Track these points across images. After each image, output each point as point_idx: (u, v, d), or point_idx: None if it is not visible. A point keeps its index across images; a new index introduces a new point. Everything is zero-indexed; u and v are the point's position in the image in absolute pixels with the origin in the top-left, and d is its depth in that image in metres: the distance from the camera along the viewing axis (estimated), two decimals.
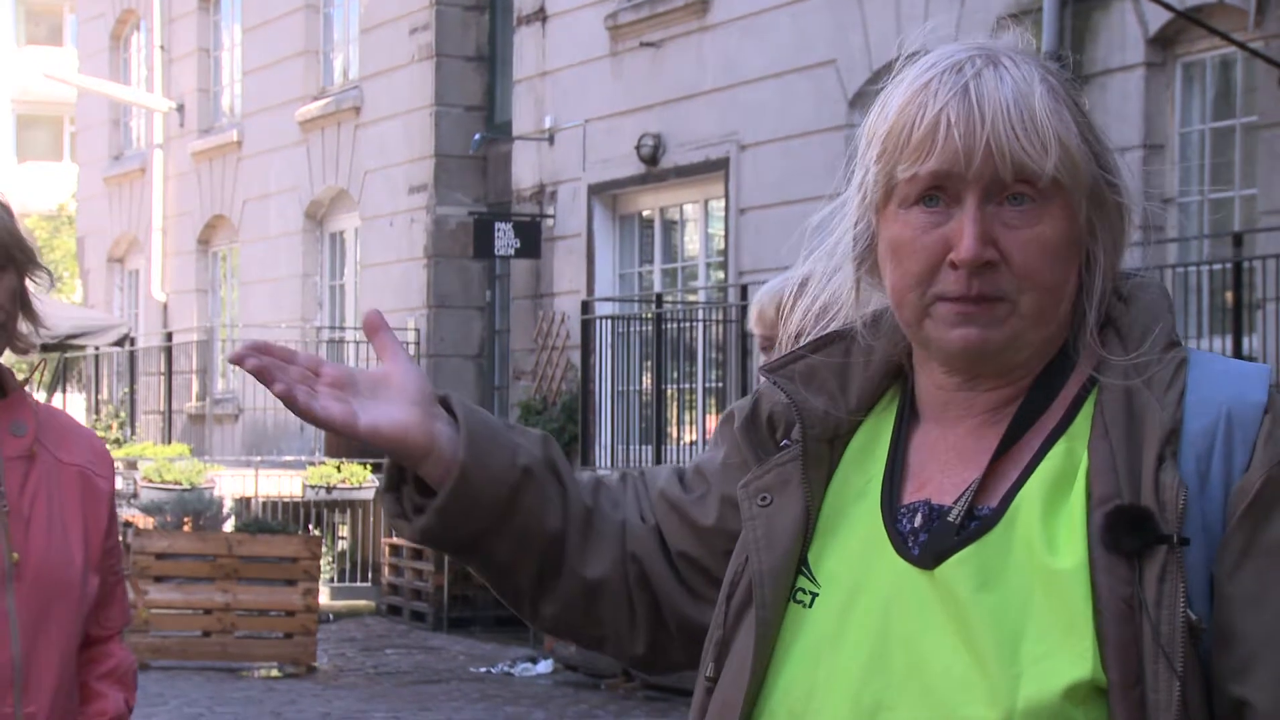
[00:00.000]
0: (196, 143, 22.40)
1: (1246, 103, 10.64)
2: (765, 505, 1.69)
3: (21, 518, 2.88)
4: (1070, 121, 1.62)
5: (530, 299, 16.63)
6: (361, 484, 16.95)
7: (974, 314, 1.59)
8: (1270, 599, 1.50)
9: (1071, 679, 1.49)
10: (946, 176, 1.58)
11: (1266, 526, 1.51)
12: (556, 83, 16.25)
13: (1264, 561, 1.51)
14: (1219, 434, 1.55)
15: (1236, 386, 1.58)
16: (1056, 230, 1.60)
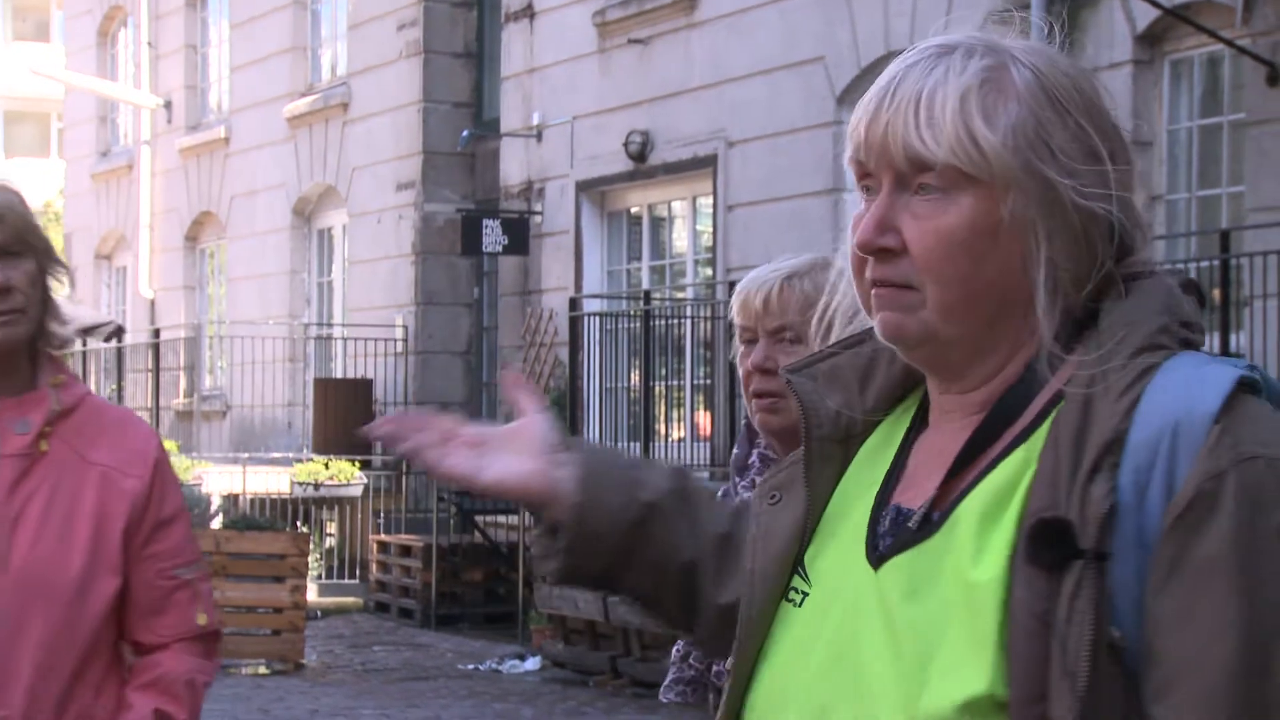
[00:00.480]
0: (184, 139, 22.37)
1: (1234, 100, 10.65)
2: (774, 503, 1.71)
3: (7, 517, 2.84)
4: (1011, 113, 1.58)
5: (518, 296, 16.62)
6: (349, 481, 16.94)
7: (886, 297, 1.59)
8: (1193, 621, 1.44)
9: (968, 693, 1.47)
10: (861, 164, 1.61)
11: (1194, 544, 1.45)
12: (544, 79, 16.25)
13: (1191, 579, 1.45)
14: (1163, 446, 1.48)
15: (1190, 396, 1.49)
16: (961, 222, 1.56)
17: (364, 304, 18.90)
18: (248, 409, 19.93)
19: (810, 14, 13.24)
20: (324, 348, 20.07)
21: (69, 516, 2.87)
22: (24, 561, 2.83)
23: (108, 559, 2.88)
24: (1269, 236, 9.81)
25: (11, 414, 2.87)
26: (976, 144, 1.55)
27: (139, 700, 2.90)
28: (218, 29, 22.29)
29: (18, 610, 2.82)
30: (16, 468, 2.86)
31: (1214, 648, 1.43)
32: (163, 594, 2.94)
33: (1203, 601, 1.44)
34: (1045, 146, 1.57)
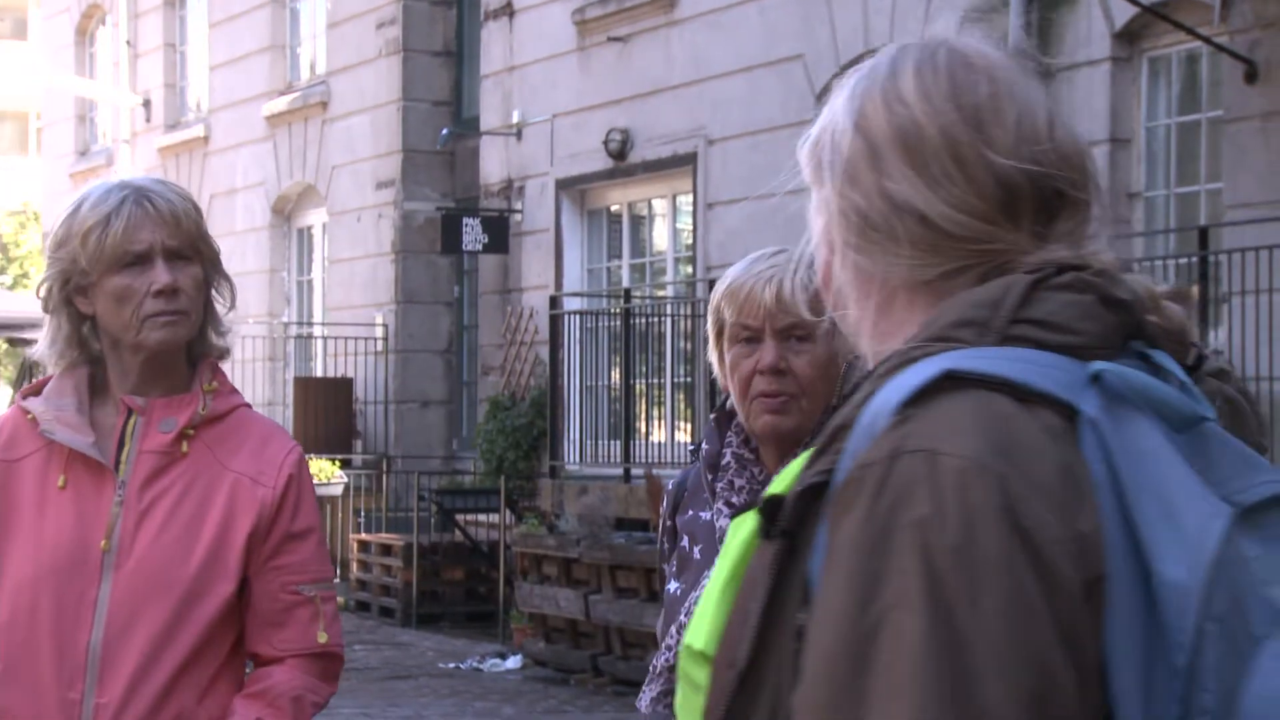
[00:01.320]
0: (163, 138, 22.32)
1: (1212, 97, 10.68)
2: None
3: (135, 510, 2.90)
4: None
5: (498, 294, 16.61)
6: (330, 480, 16.92)
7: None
8: (820, 601, 1.41)
9: (693, 644, 1.62)
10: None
11: (835, 528, 1.41)
12: (524, 78, 16.24)
13: (827, 564, 1.41)
14: (861, 434, 1.44)
15: (897, 383, 1.44)
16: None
17: (344, 303, 18.87)
18: None
19: (790, 12, 13.25)
20: (304, 346, 20.05)
21: (196, 517, 2.92)
22: (144, 555, 2.89)
23: (227, 563, 2.92)
24: (1247, 233, 9.84)
25: (160, 413, 2.94)
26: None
27: (242, 707, 2.93)
28: (197, 27, 22.24)
29: (133, 602, 2.88)
30: (153, 464, 2.93)
31: (824, 629, 1.39)
32: (284, 608, 2.96)
33: (827, 586, 1.40)
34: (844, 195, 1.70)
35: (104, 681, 2.87)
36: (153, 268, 2.91)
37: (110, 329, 2.94)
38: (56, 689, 2.88)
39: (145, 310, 2.90)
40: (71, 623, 2.88)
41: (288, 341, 20.18)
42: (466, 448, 17.51)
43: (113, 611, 2.88)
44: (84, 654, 2.87)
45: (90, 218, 2.91)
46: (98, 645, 2.88)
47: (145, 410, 2.94)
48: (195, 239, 2.96)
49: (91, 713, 2.87)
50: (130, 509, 2.90)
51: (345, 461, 17.49)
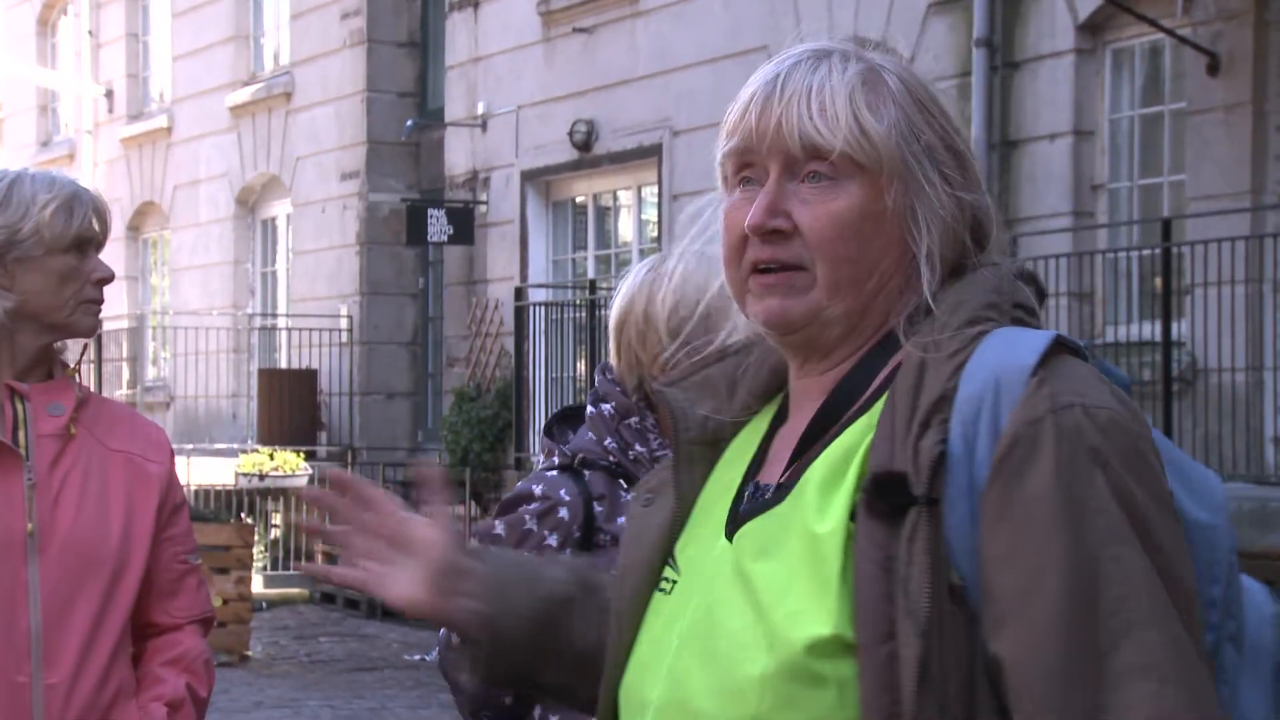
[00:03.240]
0: (126, 129, 22.22)
1: (1175, 89, 10.73)
2: (647, 505, 1.81)
3: (49, 492, 2.95)
4: (890, 112, 1.69)
5: (463, 286, 16.59)
6: (294, 472, 16.87)
7: (774, 284, 1.69)
8: (1018, 557, 1.53)
9: (812, 635, 1.56)
10: (748, 153, 1.70)
11: (1017, 484, 1.54)
12: (489, 69, 16.21)
13: (1015, 519, 1.54)
14: (986, 399, 1.58)
15: (1010, 352, 1.61)
16: (852, 205, 1.68)
17: (308, 294, 18.82)
18: (191, 400, 19.83)
19: (754, 3, 13.25)
20: (268, 338, 19.98)
21: (102, 495, 3.00)
22: (67, 536, 2.95)
23: (140, 538, 3.01)
24: (1210, 225, 9.89)
25: (42, 397, 3.01)
26: (867, 135, 1.67)
27: (169, 675, 3.03)
28: (159, 17, 22.13)
29: (65, 583, 2.94)
30: (53, 447, 2.99)
31: (1043, 580, 1.52)
32: (176, 576, 3.08)
33: (1028, 539, 1.53)
34: (918, 143, 1.69)
35: (50, 663, 2.91)
36: (92, 257, 3.03)
37: (35, 307, 2.98)
38: (2, 674, 2.90)
39: (85, 295, 3.01)
40: (8, 609, 2.91)
41: (252, 333, 20.11)
42: (432, 439, 17.49)
43: (47, 593, 2.92)
44: (26, 638, 2.91)
45: (49, 197, 2.98)
46: (38, 627, 2.92)
47: (28, 395, 3.00)
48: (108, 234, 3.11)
49: (42, 695, 2.90)
50: (43, 491, 2.95)
51: (310, 453, 17.45)
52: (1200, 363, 10.00)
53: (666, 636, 1.71)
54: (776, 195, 1.68)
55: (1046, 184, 11.13)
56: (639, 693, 1.72)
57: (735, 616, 1.63)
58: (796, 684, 1.57)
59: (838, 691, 1.56)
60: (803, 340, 1.71)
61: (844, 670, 1.56)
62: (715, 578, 1.68)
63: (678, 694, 1.66)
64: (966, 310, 1.66)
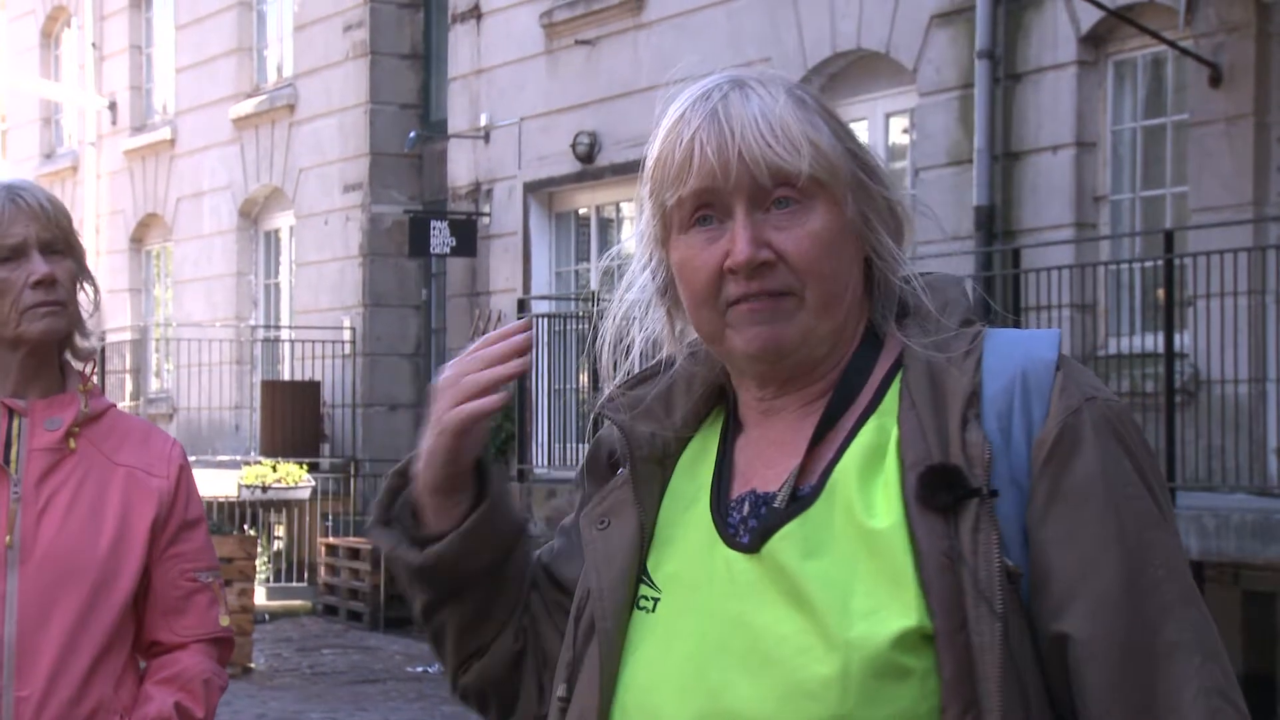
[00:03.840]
0: (129, 141, 22.24)
1: (1177, 101, 10.73)
2: (603, 529, 1.80)
3: (34, 506, 2.93)
4: (822, 126, 1.73)
5: (466, 297, 16.60)
6: (297, 483, 16.87)
7: (763, 310, 1.70)
8: (1079, 538, 1.62)
9: (899, 628, 1.59)
10: (709, 193, 1.71)
11: (1067, 471, 1.63)
12: (492, 80, 16.23)
13: (1069, 504, 1.62)
14: (1016, 392, 1.66)
15: (1028, 348, 1.69)
16: (826, 224, 1.71)
17: (311, 306, 18.83)
18: (194, 411, 19.83)
19: (757, 16, 13.27)
20: (271, 350, 19.98)
21: (95, 508, 2.97)
22: (48, 548, 2.92)
23: (132, 552, 2.97)
24: (1212, 237, 9.89)
25: (42, 413, 2.99)
26: (822, 154, 1.71)
27: (159, 694, 2.98)
28: (163, 30, 22.16)
29: (43, 595, 2.91)
30: (45, 461, 2.97)
31: (1102, 560, 1.61)
32: (184, 594, 3.03)
33: (1084, 522, 1.62)
34: (853, 155, 1.74)
35: (22, 675, 2.89)
36: (29, 260, 2.95)
37: None
38: None
39: (24, 302, 2.95)
40: None
41: (255, 345, 20.12)
42: None
43: (24, 605, 2.90)
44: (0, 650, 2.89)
45: None
46: (12, 639, 2.90)
47: (27, 411, 2.98)
48: (67, 234, 3.02)
49: (12, 706, 2.89)
50: (29, 505, 2.93)
51: (313, 465, 17.45)
52: (1203, 374, 10.00)
53: (670, 654, 1.71)
54: (754, 229, 1.70)
55: (1049, 196, 11.14)
56: (650, 708, 1.70)
57: (783, 621, 1.64)
58: (882, 679, 1.60)
59: (920, 682, 1.60)
60: (792, 365, 1.74)
61: (926, 661, 1.59)
62: (734, 587, 1.68)
63: (720, 706, 1.65)
64: (958, 311, 1.74)
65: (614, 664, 1.74)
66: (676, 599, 1.73)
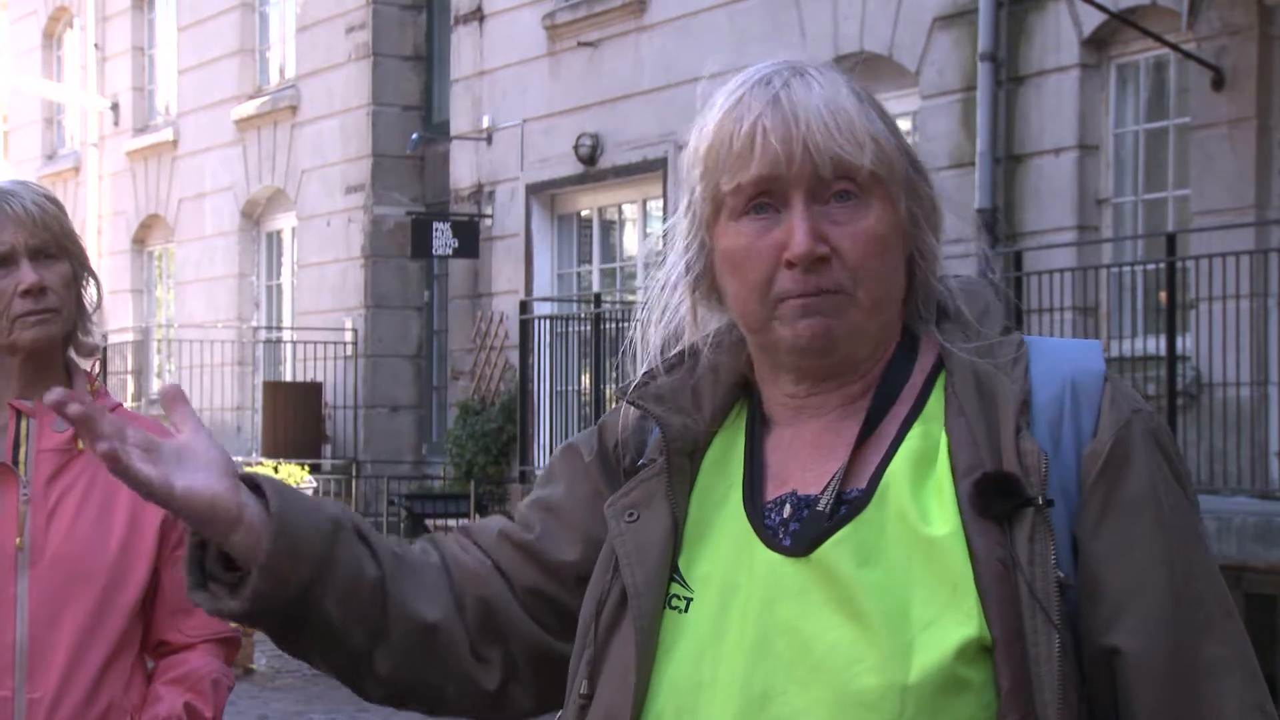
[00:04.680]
0: (131, 142, 22.24)
1: (1180, 104, 10.73)
2: (632, 521, 1.74)
3: (44, 507, 2.93)
4: (878, 121, 1.70)
5: (468, 299, 16.59)
6: (299, 485, 16.86)
7: (816, 304, 1.66)
8: (1132, 551, 1.61)
9: (961, 638, 1.56)
10: (770, 180, 1.67)
11: (1121, 484, 1.62)
12: (494, 82, 16.23)
13: (1122, 517, 1.62)
14: (1066, 402, 1.65)
15: (1076, 358, 1.68)
16: (881, 222, 1.68)
17: (313, 307, 18.83)
18: (196, 412, 19.75)
19: (759, 18, 13.27)
20: (273, 351, 19.99)
21: (105, 507, 2.96)
22: (58, 550, 2.92)
23: (141, 552, 2.97)
24: (1214, 239, 9.88)
25: (49, 414, 2.96)
26: (882, 148, 1.68)
27: (169, 693, 2.98)
28: (165, 31, 22.17)
29: (53, 597, 2.91)
30: (54, 462, 2.97)
31: (1152, 575, 1.60)
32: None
33: (1136, 536, 1.61)
34: (905, 152, 1.71)
35: (34, 677, 2.89)
36: (18, 268, 2.94)
37: None
38: None
39: (14, 310, 2.94)
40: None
41: (257, 346, 20.12)
42: (436, 452, 17.48)
43: (35, 607, 2.90)
44: (10, 651, 2.89)
45: None
46: (24, 641, 2.90)
47: (34, 412, 2.98)
48: (60, 237, 2.99)
49: (24, 708, 2.89)
50: (38, 506, 2.93)
51: (314, 466, 17.45)
52: (1205, 377, 9.99)
53: (707, 657, 1.66)
54: (813, 221, 1.66)
55: (1051, 198, 11.13)
56: (689, 711, 1.65)
57: (833, 629, 1.60)
58: (943, 691, 1.57)
59: (977, 695, 1.57)
60: (839, 360, 1.70)
61: (984, 673, 1.57)
62: (779, 592, 1.64)
63: (768, 714, 1.61)
64: (998, 317, 1.74)
65: (649, 664, 1.69)
66: (711, 600, 1.68)
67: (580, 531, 1.83)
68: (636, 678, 1.68)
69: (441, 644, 1.81)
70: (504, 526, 1.88)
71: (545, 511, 1.86)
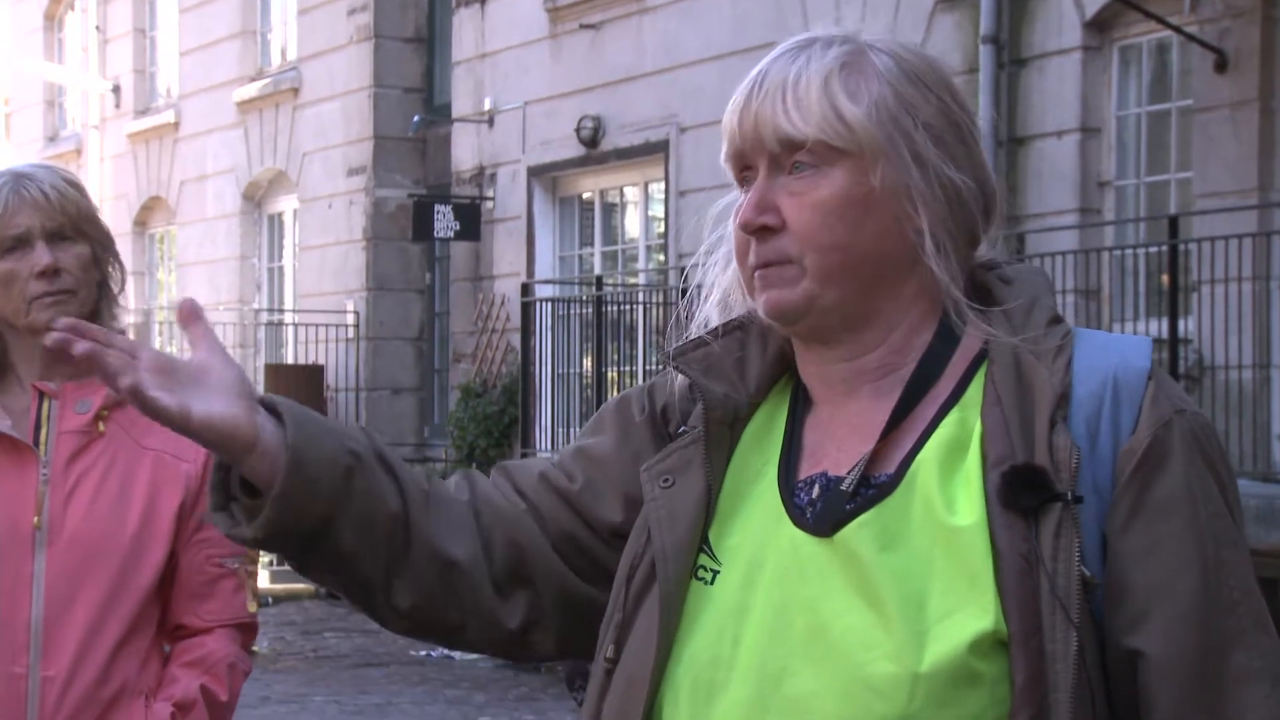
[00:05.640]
0: (133, 124, 22.23)
1: (1182, 86, 10.72)
2: (668, 487, 1.73)
3: (63, 488, 2.95)
4: (873, 90, 1.67)
5: (470, 281, 16.59)
6: None
7: (767, 276, 1.68)
8: (1159, 553, 1.58)
9: (975, 631, 1.55)
10: (741, 155, 1.72)
11: (1154, 484, 1.59)
12: (496, 65, 16.21)
13: (1152, 517, 1.59)
14: (1106, 398, 1.62)
15: (1121, 354, 1.65)
16: (834, 192, 1.66)
17: (315, 289, 18.83)
18: None
19: (761, 1, 13.25)
20: (275, 333, 19.99)
21: (123, 491, 2.97)
22: (76, 530, 2.94)
23: (157, 534, 2.98)
24: (1216, 222, 9.88)
25: (73, 395, 3.00)
26: (842, 118, 1.66)
27: (185, 676, 2.99)
28: (166, 13, 22.14)
29: (70, 577, 2.93)
30: (74, 444, 2.98)
31: (1181, 578, 1.58)
32: (210, 579, 3.03)
33: (1165, 537, 1.59)
34: (910, 119, 1.67)
35: (49, 655, 2.91)
36: (33, 250, 2.96)
37: (3, 315, 3.00)
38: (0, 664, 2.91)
39: (30, 292, 2.96)
40: (9, 600, 2.92)
41: (259, 328, 20.13)
42: (438, 435, 17.49)
43: (50, 586, 2.92)
44: (26, 630, 2.91)
45: None
46: (39, 620, 2.92)
47: (58, 394, 2.99)
48: (77, 219, 3.00)
49: (38, 686, 2.91)
50: (57, 487, 2.95)
51: None
52: (1207, 360, 9.99)
53: (727, 631, 1.65)
54: (764, 191, 1.69)
55: (1053, 181, 11.13)
56: (705, 685, 1.65)
57: (850, 612, 1.59)
58: (954, 683, 1.55)
59: (990, 688, 1.55)
60: (807, 330, 1.71)
61: (998, 667, 1.55)
62: (800, 573, 1.63)
63: (780, 693, 1.60)
64: (1046, 309, 1.70)
65: (672, 633, 1.68)
66: (737, 574, 1.68)
67: (623, 490, 1.81)
68: (659, 645, 1.67)
69: (464, 581, 1.79)
70: (545, 470, 1.85)
71: (589, 462, 1.84)
